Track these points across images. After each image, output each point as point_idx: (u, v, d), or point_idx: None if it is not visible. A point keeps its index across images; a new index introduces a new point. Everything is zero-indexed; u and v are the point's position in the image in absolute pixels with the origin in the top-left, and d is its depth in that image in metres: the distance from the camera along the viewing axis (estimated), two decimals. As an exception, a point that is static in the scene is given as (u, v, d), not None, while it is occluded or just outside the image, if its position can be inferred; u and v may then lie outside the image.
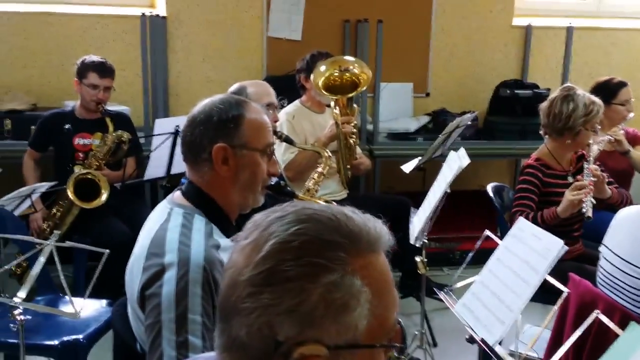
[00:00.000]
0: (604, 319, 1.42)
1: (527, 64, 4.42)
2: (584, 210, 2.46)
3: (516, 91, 4.23)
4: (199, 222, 1.48)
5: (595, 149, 2.73)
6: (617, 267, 1.92)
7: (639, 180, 3.67)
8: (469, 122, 3.70)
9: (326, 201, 2.08)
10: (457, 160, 2.46)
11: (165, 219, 1.49)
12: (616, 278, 1.91)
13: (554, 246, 1.69)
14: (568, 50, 4.37)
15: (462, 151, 2.49)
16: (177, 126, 2.86)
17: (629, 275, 1.87)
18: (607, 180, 2.69)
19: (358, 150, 3.44)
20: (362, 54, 4.00)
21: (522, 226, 1.83)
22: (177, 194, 1.57)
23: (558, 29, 4.40)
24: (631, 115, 3.32)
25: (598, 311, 1.46)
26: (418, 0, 4.29)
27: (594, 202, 2.50)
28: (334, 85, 3.25)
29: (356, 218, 0.83)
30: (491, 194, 2.96)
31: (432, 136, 3.96)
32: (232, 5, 4.13)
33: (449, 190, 2.36)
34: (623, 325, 1.63)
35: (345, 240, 0.80)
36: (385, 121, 4.17)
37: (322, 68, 3.24)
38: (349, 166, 3.37)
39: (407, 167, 3.24)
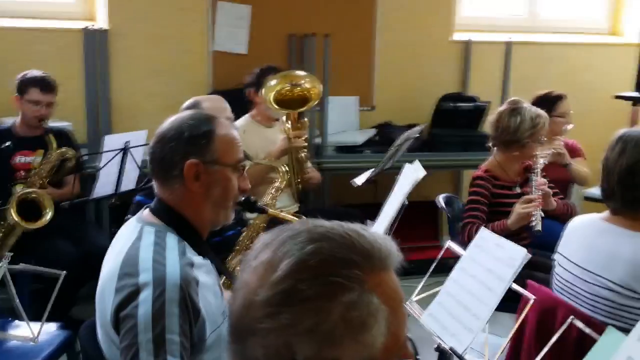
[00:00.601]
0: (580, 324, 1.47)
1: (468, 78, 4.55)
2: (533, 223, 2.56)
3: (458, 104, 4.36)
4: (172, 240, 1.46)
5: (541, 162, 2.83)
6: (573, 274, 1.99)
7: (577, 190, 3.85)
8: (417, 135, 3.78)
9: (295, 215, 2.07)
10: (412, 172, 2.50)
11: (136, 238, 1.45)
12: (574, 285, 1.98)
13: (517, 254, 1.74)
14: (507, 64, 4.53)
15: (417, 163, 2.54)
16: (127, 142, 2.80)
17: (586, 281, 1.94)
18: (552, 192, 2.80)
19: (308, 164, 3.45)
20: (309, 68, 4.02)
21: (485, 236, 1.88)
22: (146, 212, 1.54)
23: (497, 43, 4.56)
24: (570, 126, 3.47)
25: (573, 317, 1.51)
26: (362, 16, 4.35)
27: (543, 215, 2.60)
28: (284, 100, 3.26)
29: (367, 235, 0.83)
30: (443, 205, 3.03)
31: (379, 149, 4.04)
32: (176, 18, 4.08)
33: (407, 202, 2.40)
34: (571, 331, 1.69)
35: (359, 257, 0.80)
36: (332, 134, 4.20)
37: (273, 82, 3.25)
38: (299, 180, 3.39)
39: (359, 180, 3.26)
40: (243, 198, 1.63)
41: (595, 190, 3.85)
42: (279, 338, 0.76)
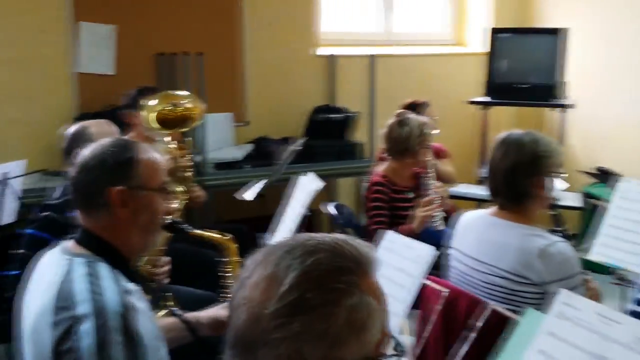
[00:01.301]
0: (500, 309, 1.63)
1: (335, 90, 4.74)
2: (436, 223, 2.75)
3: (329, 115, 4.54)
4: (104, 269, 1.42)
5: (432, 166, 3.05)
6: (469, 266, 2.17)
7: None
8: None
9: (220, 234, 2.07)
10: (309, 184, 2.59)
11: (67, 271, 1.40)
12: (471, 276, 2.16)
13: (425, 252, 1.88)
14: (372, 76, 4.78)
15: (311, 175, 2.63)
16: (6, 174, 2.62)
17: (481, 272, 2.12)
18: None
19: (192, 183, 3.42)
20: (182, 87, 3.98)
21: (393, 238, 2.00)
22: (71, 244, 1.48)
23: (361, 57, 4.80)
24: (436, 131, 3.75)
25: (492, 304, 1.66)
26: (230, 34, 4.39)
27: (445, 214, 2.80)
28: (166, 120, 3.21)
29: (353, 242, 0.92)
30: (335, 212, 3.15)
31: (258, 163, 4.10)
32: (32, 40, 3.86)
33: (309, 213, 2.48)
34: (490, 317, 1.87)
35: (352, 264, 0.88)
36: (210, 151, 4.19)
37: (153, 103, 3.19)
38: (187, 199, 3.34)
39: (248, 195, 3.30)
40: (168, 221, 1.62)
41: (460, 189, 4.20)
42: (290, 346, 0.81)
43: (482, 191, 3.75)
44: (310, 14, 4.66)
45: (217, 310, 1.76)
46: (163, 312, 2.01)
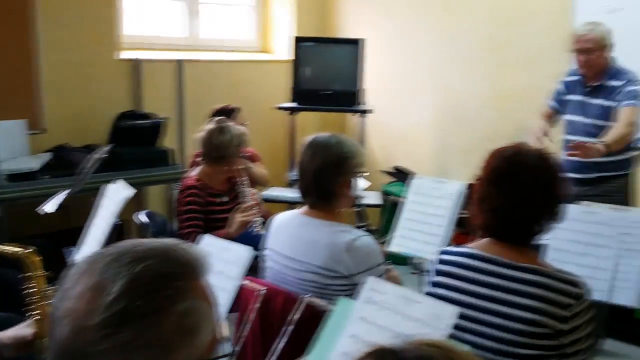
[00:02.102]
0: (315, 301, 1.70)
1: (142, 96, 4.61)
2: (256, 228, 2.80)
3: (135, 122, 4.39)
4: None
5: (245, 175, 3.10)
6: (284, 264, 2.24)
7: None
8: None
9: (19, 246, 1.90)
10: (117, 192, 2.51)
11: None
12: (285, 274, 2.23)
13: (243, 253, 1.92)
14: (180, 81, 4.72)
15: (121, 183, 2.54)
16: None
17: (295, 269, 2.20)
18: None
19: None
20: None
21: (210, 242, 2.01)
22: None
23: (168, 61, 4.71)
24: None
25: (306, 297, 1.73)
26: (18, 35, 4.06)
27: (264, 219, 2.86)
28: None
29: (183, 247, 0.91)
30: (146, 220, 3.07)
31: (58, 173, 3.84)
32: None
33: (120, 222, 2.39)
34: (305, 311, 1.96)
35: (183, 269, 0.88)
36: (1, 162, 3.84)
37: None
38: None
39: (49, 207, 3.09)
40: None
41: (271, 192, 4.31)
42: (119, 356, 0.79)
43: (292, 194, 3.90)
44: (113, 17, 4.48)
45: (20, 329, 1.64)
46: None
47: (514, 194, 1.74)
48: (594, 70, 3.41)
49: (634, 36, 3.85)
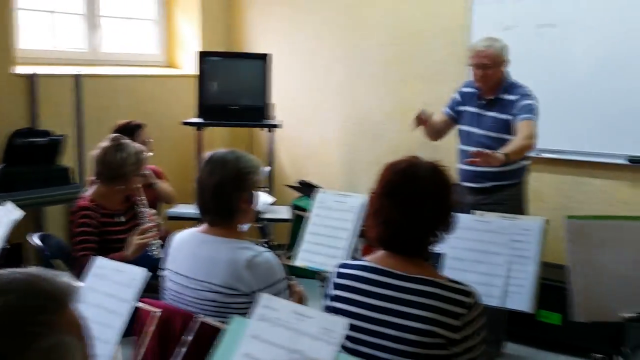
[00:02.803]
0: (209, 320, 1.66)
1: (38, 112, 4.40)
2: (154, 252, 2.71)
3: (31, 139, 4.19)
4: None
5: (143, 195, 3.00)
6: (182, 285, 2.18)
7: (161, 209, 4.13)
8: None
9: None
10: (5, 214, 2.38)
11: None
12: (184, 294, 2.17)
13: (137, 275, 1.86)
14: (78, 96, 4.54)
15: (9, 204, 2.41)
16: None
17: (194, 289, 2.15)
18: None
19: None
20: None
21: (102, 264, 1.93)
22: None
23: (65, 76, 4.53)
24: (150, 154, 3.72)
25: (201, 316, 1.68)
26: None
27: (162, 242, 2.76)
28: None
29: (48, 276, 0.85)
30: (39, 243, 2.92)
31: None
32: None
33: (8, 246, 2.26)
34: (201, 331, 1.91)
35: (47, 301, 0.82)
36: None
37: None
38: None
39: None
40: None
41: (178, 209, 4.22)
42: None
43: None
44: (7, 30, 4.26)
45: None
46: None
47: (406, 207, 1.77)
48: (490, 84, 3.55)
49: (526, 52, 4.06)
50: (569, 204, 4.22)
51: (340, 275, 1.87)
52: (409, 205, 1.77)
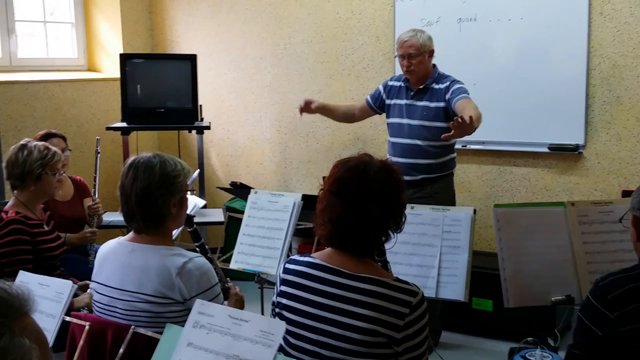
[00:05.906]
0: (142, 330, 1.60)
1: (-50, 123, 4.18)
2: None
3: (-57, 152, 3.97)
4: None
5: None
6: (111, 297, 2.09)
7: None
8: None
9: None
10: None
11: None
12: (113, 307, 2.08)
13: (65, 288, 1.78)
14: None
15: None
16: None
17: (124, 300, 2.06)
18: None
19: None
20: None
21: (26, 279, 1.84)
22: None
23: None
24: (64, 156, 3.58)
25: (133, 327, 1.62)
26: None
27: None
28: None
29: (3, 286, 0.93)
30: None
31: None
32: None
33: None
34: (135, 342, 1.85)
35: (3, 308, 0.90)
36: None
37: None
38: None
39: None
40: None
41: (106, 217, 4.09)
42: None
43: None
44: None
45: None
46: None
47: (354, 205, 1.75)
48: (418, 74, 3.59)
49: (448, 46, 4.15)
50: (494, 193, 4.35)
51: (287, 271, 1.85)
52: (358, 204, 1.75)
